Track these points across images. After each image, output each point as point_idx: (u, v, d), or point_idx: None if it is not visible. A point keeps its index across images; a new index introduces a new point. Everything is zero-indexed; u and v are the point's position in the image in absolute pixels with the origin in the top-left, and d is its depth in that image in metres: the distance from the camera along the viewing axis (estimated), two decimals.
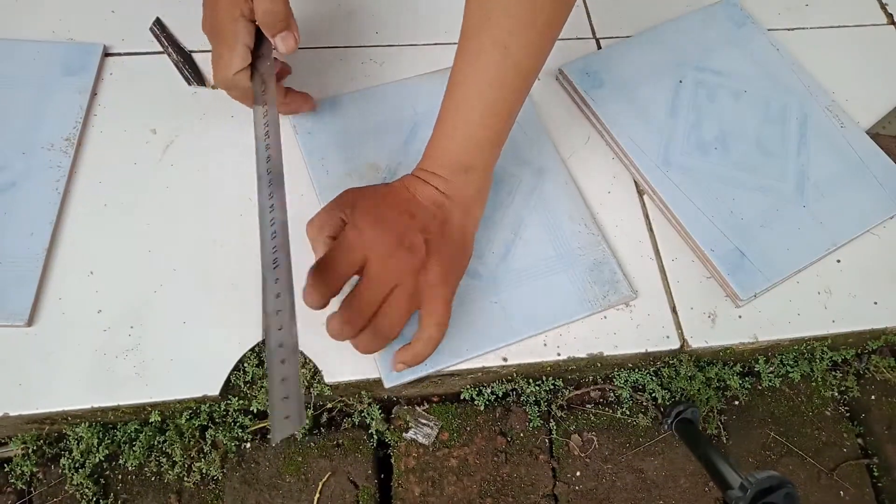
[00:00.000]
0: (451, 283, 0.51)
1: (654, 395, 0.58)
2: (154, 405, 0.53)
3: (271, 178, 0.51)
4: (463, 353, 0.54)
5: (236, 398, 0.54)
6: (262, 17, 0.52)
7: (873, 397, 0.62)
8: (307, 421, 0.54)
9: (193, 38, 0.68)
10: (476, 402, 0.58)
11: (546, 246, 0.59)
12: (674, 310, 0.59)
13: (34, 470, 0.54)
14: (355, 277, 0.50)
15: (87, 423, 0.53)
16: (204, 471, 0.54)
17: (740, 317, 0.59)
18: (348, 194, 0.52)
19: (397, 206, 0.51)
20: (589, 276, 0.58)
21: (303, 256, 0.50)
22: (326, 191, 0.60)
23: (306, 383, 0.54)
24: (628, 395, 0.59)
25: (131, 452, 0.54)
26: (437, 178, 0.52)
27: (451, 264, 0.51)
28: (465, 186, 0.52)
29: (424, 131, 0.59)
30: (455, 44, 0.52)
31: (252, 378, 0.54)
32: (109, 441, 0.54)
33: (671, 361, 0.59)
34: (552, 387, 0.58)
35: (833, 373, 0.62)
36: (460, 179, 0.52)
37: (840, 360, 0.63)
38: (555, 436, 0.58)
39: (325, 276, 0.48)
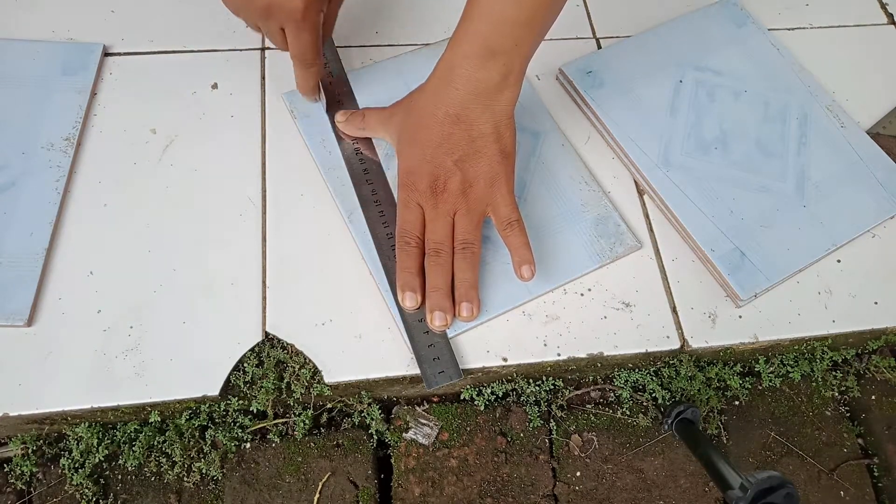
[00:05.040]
0: (502, 179, 0.55)
1: (654, 395, 0.58)
2: (154, 405, 0.53)
3: (369, 178, 0.60)
4: (483, 315, 0.56)
5: (236, 398, 0.54)
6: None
7: (873, 397, 0.62)
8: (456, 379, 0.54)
9: (196, 37, 0.68)
10: (476, 402, 0.58)
11: (550, 206, 0.61)
12: (674, 310, 0.59)
13: (34, 470, 0.54)
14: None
15: (86, 423, 0.53)
16: (204, 471, 0.54)
17: (740, 317, 0.59)
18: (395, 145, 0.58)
19: (423, 142, 0.54)
20: (594, 230, 0.60)
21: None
22: (331, 170, 0.61)
23: (306, 383, 0.54)
24: (628, 396, 0.59)
25: (131, 452, 0.54)
26: (451, 82, 0.53)
27: (491, 165, 0.54)
28: (488, 76, 0.52)
29: None
30: None
31: (252, 378, 0.54)
32: (109, 441, 0.54)
33: (671, 361, 0.59)
34: (552, 387, 0.58)
35: (833, 373, 0.62)
36: (481, 70, 0.52)
37: (840, 360, 0.63)
38: (555, 436, 0.58)
39: (405, 232, 0.55)
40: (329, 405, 0.57)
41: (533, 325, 0.57)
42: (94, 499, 0.53)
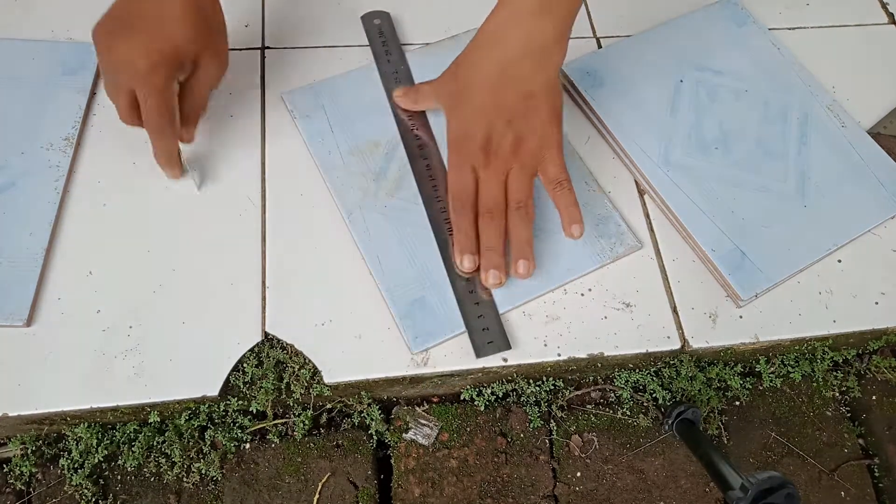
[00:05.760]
0: (553, 138, 0.54)
1: (654, 395, 0.58)
2: (153, 405, 0.53)
3: (423, 153, 0.61)
4: None
5: (235, 399, 0.54)
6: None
7: (874, 397, 0.62)
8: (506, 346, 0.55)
9: None
10: (476, 403, 0.58)
11: (550, 205, 0.60)
12: (674, 310, 0.58)
13: (33, 470, 0.54)
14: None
15: (86, 424, 0.53)
16: (203, 471, 0.54)
17: (741, 317, 0.58)
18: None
19: (473, 102, 0.54)
20: (595, 230, 0.60)
21: None
22: (331, 170, 0.61)
23: (306, 383, 0.54)
24: (629, 396, 0.59)
25: (130, 453, 0.53)
26: (502, 40, 0.52)
27: (543, 124, 0.54)
28: (542, 33, 0.52)
29: None
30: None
31: (251, 378, 0.54)
32: (108, 441, 0.54)
33: (672, 362, 0.59)
34: (552, 387, 0.58)
35: (834, 373, 0.62)
36: (536, 27, 0.52)
37: (841, 361, 0.62)
38: (555, 436, 0.58)
39: (459, 194, 0.54)
40: (329, 405, 0.57)
41: (533, 325, 0.57)
42: (94, 499, 0.53)
